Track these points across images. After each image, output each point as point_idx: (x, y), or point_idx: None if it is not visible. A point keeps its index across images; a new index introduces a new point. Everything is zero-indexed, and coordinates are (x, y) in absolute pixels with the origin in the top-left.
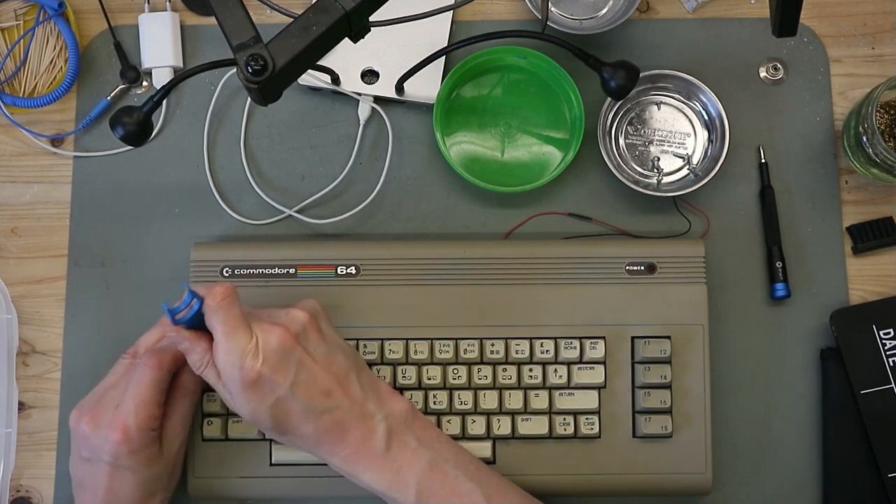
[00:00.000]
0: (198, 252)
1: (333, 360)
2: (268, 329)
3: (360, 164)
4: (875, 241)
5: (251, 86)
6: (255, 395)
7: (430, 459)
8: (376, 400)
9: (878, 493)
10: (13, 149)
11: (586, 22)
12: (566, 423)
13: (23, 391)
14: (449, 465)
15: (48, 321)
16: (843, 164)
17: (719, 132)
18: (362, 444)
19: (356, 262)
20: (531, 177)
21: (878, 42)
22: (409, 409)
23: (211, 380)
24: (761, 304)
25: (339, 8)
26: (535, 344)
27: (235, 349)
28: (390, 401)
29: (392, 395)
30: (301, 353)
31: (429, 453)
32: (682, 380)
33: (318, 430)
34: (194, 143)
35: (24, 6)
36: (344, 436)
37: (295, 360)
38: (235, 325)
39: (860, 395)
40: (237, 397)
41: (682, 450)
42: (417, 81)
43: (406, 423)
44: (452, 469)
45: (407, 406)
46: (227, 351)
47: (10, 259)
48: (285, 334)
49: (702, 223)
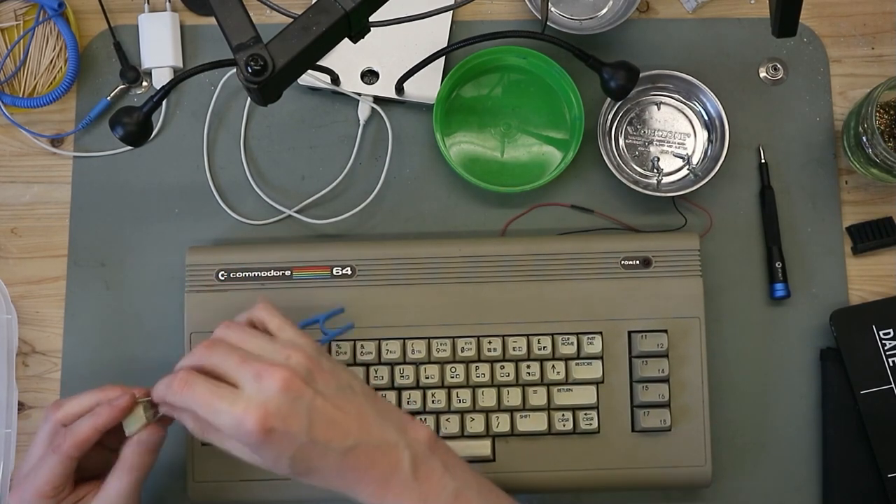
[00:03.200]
0: (192, 256)
1: (346, 397)
2: (267, 374)
3: (359, 164)
4: (875, 241)
5: (251, 86)
6: (272, 448)
7: (456, 489)
8: (397, 428)
9: (878, 493)
10: (13, 149)
11: (586, 22)
12: (565, 419)
13: (23, 391)
14: (472, 493)
15: (48, 321)
16: (843, 164)
17: (719, 132)
18: (390, 476)
19: (352, 263)
20: (531, 177)
21: (877, 42)
22: (430, 434)
23: (218, 444)
24: (761, 304)
25: (339, 8)
26: (533, 340)
27: (225, 418)
28: (411, 428)
29: (411, 421)
30: (311, 395)
31: (454, 482)
32: (680, 373)
33: (342, 469)
34: (194, 143)
35: (24, 6)
36: (370, 470)
37: (305, 403)
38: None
39: (860, 395)
40: (255, 454)
41: (682, 443)
42: (417, 81)
43: (430, 448)
44: (476, 497)
45: (428, 432)
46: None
47: (10, 259)
48: (288, 377)
49: (700, 221)
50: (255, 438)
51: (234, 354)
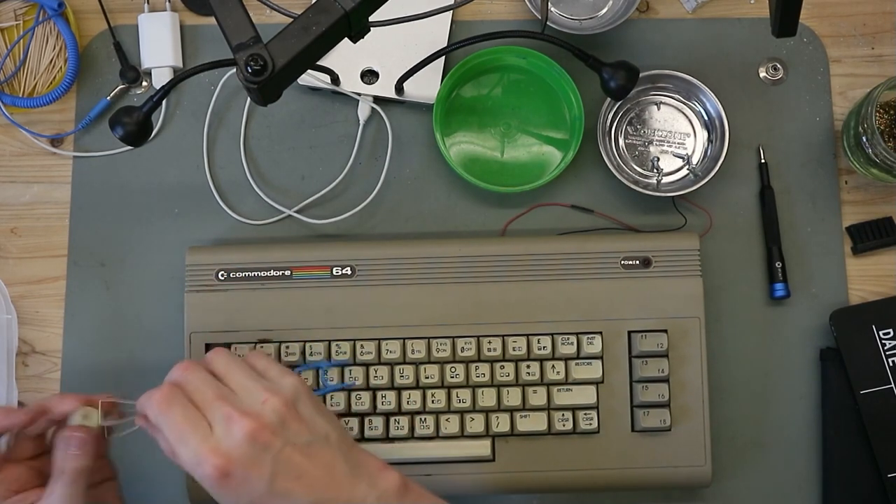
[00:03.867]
0: (192, 256)
1: (318, 448)
2: (236, 420)
3: (359, 164)
4: (875, 241)
5: (251, 86)
6: (229, 493)
7: None
8: (368, 479)
9: (878, 493)
10: (13, 149)
11: (586, 22)
12: (565, 418)
13: (23, 391)
14: None
15: (48, 321)
16: (843, 164)
17: (719, 132)
18: None
19: (351, 263)
20: (531, 177)
21: (877, 42)
22: (401, 483)
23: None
24: (761, 304)
25: (339, 8)
26: (532, 340)
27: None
28: (381, 478)
29: (382, 469)
30: (280, 444)
31: None
32: (680, 373)
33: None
34: (194, 143)
35: (24, 6)
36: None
37: (271, 454)
38: (181, 431)
39: (860, 395)
40: (211, 493)
41: (682, 443)
42: (417, 81)
43: (399, 498)
44: None
45: (399, 480)
46: (182, 452)
47: (10, 259)
48: (256, 427)
49: (700, 221)
50: (212, 482)
51: (211, 387)
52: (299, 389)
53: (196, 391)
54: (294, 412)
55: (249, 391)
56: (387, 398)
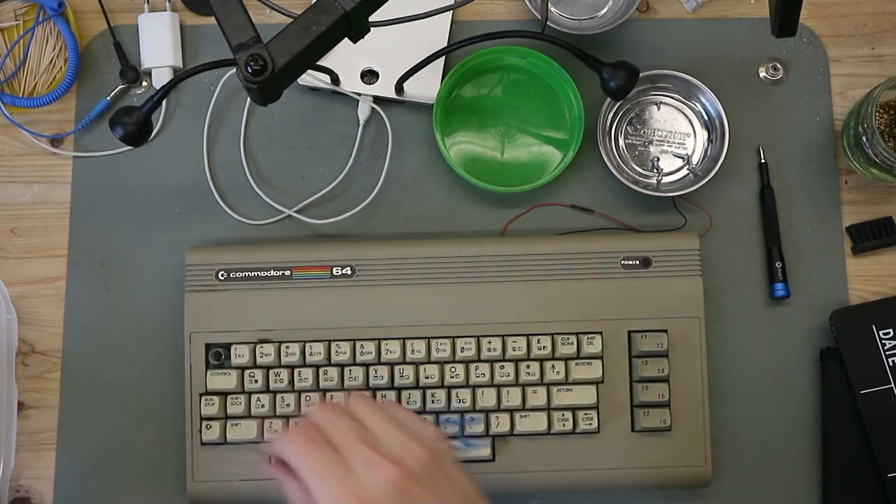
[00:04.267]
0: (192, 256)
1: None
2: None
3: (359, 164)
4: (875, 241)
5: (251, 86)
6: None
7: None
8: None
9: (878, 493)
10: (13, 149)
11: (586, 22)
12: (564, 418)
13: (23, 391)
14: None
15: (48, 321)
16: (843, 164)
17: (719, 132)
18: None
19: (351, 263)
20: (531, 177)
21: (877, 42)
22: None
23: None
24: (761, 304)
25: (339, 8)
26: (532, 340)
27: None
28: None
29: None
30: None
31: None
32: (680, 373)
33: None
34: (194, 143)
35: (24, 6)
36: None
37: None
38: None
39: (860, 395)
40: None
41: (682, 443)
42: (417, 81)
43: None
44: None
45: None
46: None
47: (10, 259)
48: (401, 475)
49: (700, 221)
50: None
51: (352, 428)
52: (442, 442)
53: (336, 431)
54: (439, 466)
55: (392, 436)
56: (387, 398)
